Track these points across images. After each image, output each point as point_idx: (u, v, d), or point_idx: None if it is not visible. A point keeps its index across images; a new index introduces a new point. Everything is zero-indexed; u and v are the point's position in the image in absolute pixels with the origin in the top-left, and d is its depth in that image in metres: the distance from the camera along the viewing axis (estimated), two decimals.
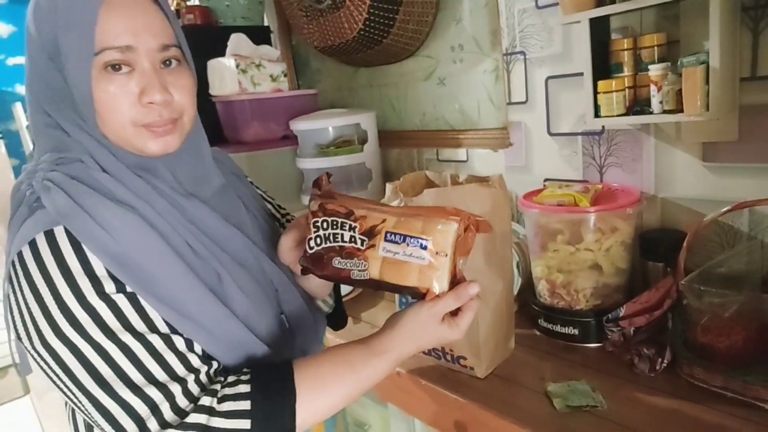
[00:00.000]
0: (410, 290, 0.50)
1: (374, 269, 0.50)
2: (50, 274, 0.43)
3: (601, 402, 0.67)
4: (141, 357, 0.44)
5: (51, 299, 0.43)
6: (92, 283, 0.44)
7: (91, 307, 0.43)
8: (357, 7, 1.09)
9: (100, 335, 0.43)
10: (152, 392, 0.43)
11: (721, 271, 0.73)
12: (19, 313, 0.44)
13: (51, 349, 0.43)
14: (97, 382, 0.42)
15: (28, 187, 0.47)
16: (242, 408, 0.44)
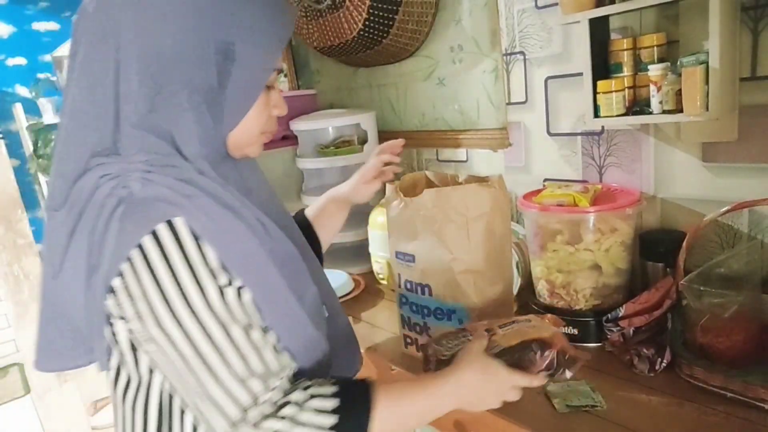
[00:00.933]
0: (536, 341, 0.61)
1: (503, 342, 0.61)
2: (172, 262, 0.45)
3: (601, 402, 0.67)
4: (244, 350, 0.46)
5: (171, 285, 0.45)
6: (210, 274, 0.46)
7: (208, 297, 0.46)
8: (356, 8, 1.09)
9: (213, 324, 0.45)
10: (254, 384, 0.46)
11: (720, 271, 0.73)
12: (131, 295, 0.46)
13: (166, 333, 0.45)
14: (208, 369, 0.45)
15: (120, 183, 0.47)
16: (329, 407, 0.47)
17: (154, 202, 0.46)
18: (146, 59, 0.47)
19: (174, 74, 0.48)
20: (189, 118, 0.49)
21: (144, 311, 0.45)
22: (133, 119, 0.48)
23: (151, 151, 0.48)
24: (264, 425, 0.45)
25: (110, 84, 0.48)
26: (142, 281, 0.45)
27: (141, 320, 0.46)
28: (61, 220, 0.49)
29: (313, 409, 0.47)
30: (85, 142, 0.49)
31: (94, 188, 0.48)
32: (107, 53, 0.48)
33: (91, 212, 0.48)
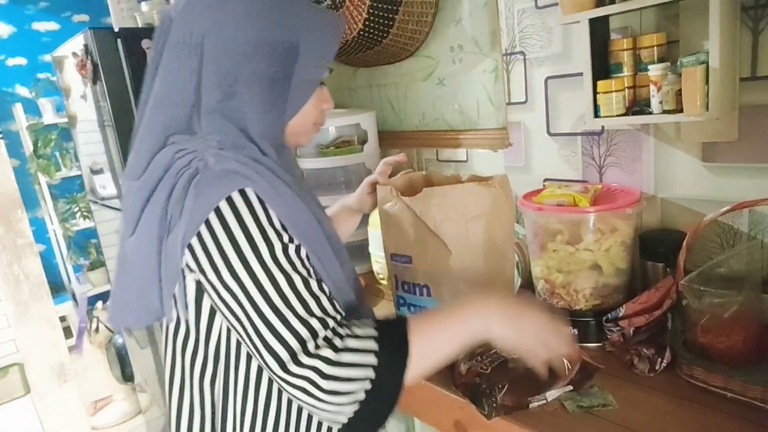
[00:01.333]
0: None
1: None
2: (244, 221, 0.53)
3: (612, 402, 0.67)
4: (305, 295, 0.53)
5: (244, 241, 0.52)
6: (275, 233, 0.54)
7: (275, 249, 0.53)
8: (356, 8, 1.09)
9: (278, 272, 0.53)
10: (314, 323, 0.52)
11: (720, 271, 0.73)
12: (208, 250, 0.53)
13: (239, 280, 0.52)
14: (273, 309, 0.52)
15: (196, 157, 0.55)
16: (370, 347, 0.53)
17: (228, 173, 0.53)
18: (225, 55, 0.56)
19: (248, 68, 0.57)
20: (258, 106, 0.58)
21: (220, 263, 0.52)
22: (211, 105, 0.57)
23: (222, 132, 0.57)
24: (320, 353, 0.51)
25: (194, 74, 0.57)
26: (219, 238, 0.52)
27: (217, 271, 0.53)
28: (138, 188, 0.57)
29: (360, 338, 0.53)
30: (163, 123, 0.58)
31: (171, 161, 0.56)
32: (192, 50, 0.57)
33: (168, 181, 0.55)
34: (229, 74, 0.57)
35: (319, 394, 0.51)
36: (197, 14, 0.57)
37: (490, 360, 0.70)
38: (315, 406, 0.52)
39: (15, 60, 3.01)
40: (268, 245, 0.53)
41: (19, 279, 1.54)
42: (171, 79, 0.57)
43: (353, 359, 0.52)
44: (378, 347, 0.53)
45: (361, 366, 0.52)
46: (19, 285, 1.54)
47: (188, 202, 0.53)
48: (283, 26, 0.58)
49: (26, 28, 3.04)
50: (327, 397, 0.51)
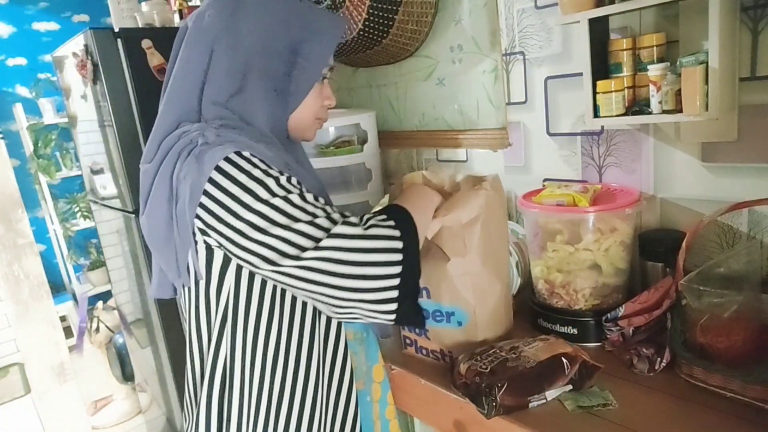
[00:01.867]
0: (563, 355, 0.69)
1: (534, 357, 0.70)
2: (246, 169, 0.58)
3: (612, 401, 0.67)
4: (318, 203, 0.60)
5: (250, 180, 0.57)
6: (277, 171, 0.59)
7: (279, 180, 0.58)
8: (356, 8, 1.10)
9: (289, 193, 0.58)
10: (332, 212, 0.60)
11: (720, 271, 0.73)
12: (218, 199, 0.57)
13: (254, 210, 0.56)
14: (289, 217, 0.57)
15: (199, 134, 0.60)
16: (390, 224, 0.61)
17: (225, 142, 0.59)
18: (234, 53, 0.62)
19: (254, 64, 0.63)
20: (261, 99, 0.63)
21: (233, 205, 0.57)
22: (214, 97, 0.63)
23: (225, 119, 0.63)
24: (344, 227, 0.58)
25: (201, 71, 0.63)
26: (226, 187, 0.57)
27: (231, 213, 0.57)
28: (150, 168, 0.63)
29: (377, 217, 0.61)
30: (173, 113, 0.64)
31: (176, 139, 0.61)
32: (205, 45, 0.63)
33: (172, 156, 0.60)
34: (238, 72, 0.62)
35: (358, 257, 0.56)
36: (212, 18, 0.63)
37: (490, 359, 0.70)
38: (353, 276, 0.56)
39: (15, 60, 3.01)
40: (274, 178, 0.58)
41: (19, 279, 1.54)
42: (183, 75, 0.64)
43: (380, 232, 0.59)
44: (397, 223, 0.60)
45: (388, 238, 0.59)
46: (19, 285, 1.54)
47: (191, 169, 0.58)
48: (290, 27, 0.64)
49: (26, 28, 3.04)
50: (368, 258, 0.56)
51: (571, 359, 0.69)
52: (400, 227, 0.60)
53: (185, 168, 0.59)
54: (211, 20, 0.63)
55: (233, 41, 0.62)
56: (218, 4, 0.64)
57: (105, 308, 2.13)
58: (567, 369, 0.68)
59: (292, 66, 0.65)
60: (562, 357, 0.69)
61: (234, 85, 0.63)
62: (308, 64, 0.65)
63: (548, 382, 0.68)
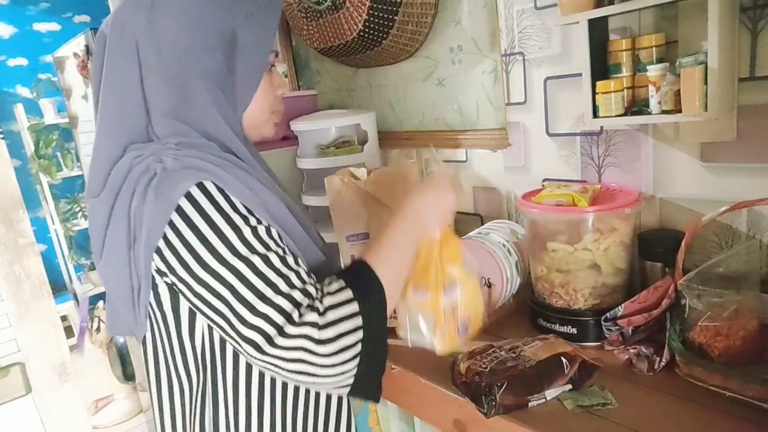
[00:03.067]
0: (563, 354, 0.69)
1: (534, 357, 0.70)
2: (207, 213, 0.52)
3: (612, 400, 0.67)
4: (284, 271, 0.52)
5: (210, 232, 0.51)
6: (241, 217, 0.53)
7: (244, 234, 0.52)
8: (356, 9, 1.10)
9: (252, 255, 0.52)
10: (296, 294, 0.52)
11: (719, 270, 0.73)
12: (176, 250, 0.52)
13: (212, 271, 0.51)
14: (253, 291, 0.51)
15: (154, 159, 0.54)
16: (347, 297, 0.54)
17: (185, 170, 0.53)
18: (162, 56, 0.55)
19: (188, 65, 0.55)
20: (209, 103, 0.56)
21: (189, 259, 0.51)
22: (161, 109, 0.56)
23: (180, 134, 0.56)
24: (306, 320, 0.51)
25: (136, 82, 0.55)
26: (184, 235, 0.51)
27: (188, 268, 0.51)
28: (100, 205, 0.56)
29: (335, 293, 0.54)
30: (117, 136, 0.57)
31: (129, 168, 0.55)
32: (129, 56, 0.55)
33: (128, 189, 0.54)
34: (173, 76, 0.55)
35: (317, 360, 0.50)
36: (128, 22, 0.56)
37: (490, 359, 0.70)
38: (317, 375, 0.50)
39: (16, 60, 3.02)
40: (236, 231, 0.52)
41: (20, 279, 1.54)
42: (115, 90, 0.56)
43: (338, 314, 0.52)
44: (354, 294, 0.53)
45: (348, 317, 0.52)
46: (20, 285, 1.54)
47: (148, 206, 0.52)
48: (218, 16, 0.56)
49: (27, 28, 3.05)
50: (326, 361, 0.50)
51: (570, 359, 0.69)
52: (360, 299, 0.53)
53: (142, 203, 0.53)
54: (128, 24, 0.56)
55: (157, 44, 0.55)
56: (131, 4, 0.56)
57: (105, 308, 2.13)
58: (566, 368, 0.69)
59: (232, 59, 0.57)
60: (561, 356, 0.69)
61: (177, 93, 0.55)
62: (250, 54, 0.58)
63: (548, 382, 0.68)
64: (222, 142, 0.57)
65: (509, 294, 0.94)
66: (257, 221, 0.54)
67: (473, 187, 1.24)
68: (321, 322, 0.50)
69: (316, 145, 1.38)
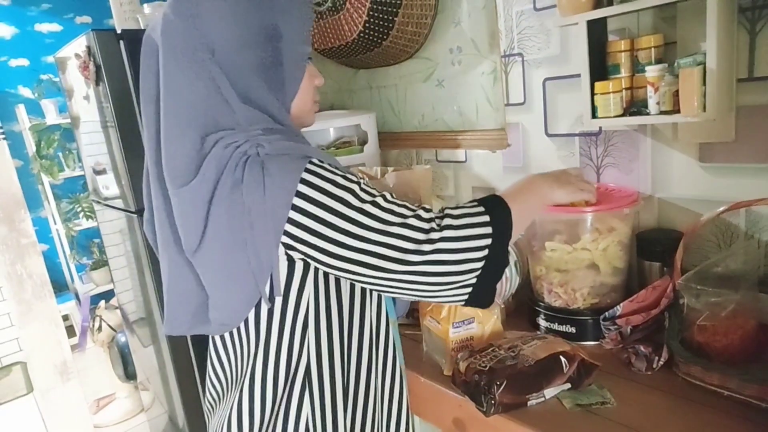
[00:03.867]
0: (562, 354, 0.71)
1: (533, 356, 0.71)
2: (330, 178, 0.57)
3: (611, 399, 0.68)
4: (400, 202, 0.59)
5: (338, 190, 0.57)
6: (348, 180, 0.58)
7: (356, 191, 0.58)
8: (357, 10, 1.10)
9: (376, 196, 0.59)
10: (421, 212, 0.59)
11: (717, 270, 0.74)
12: (317, 215, 0.56)
13: (351, 220, 0.56)
14: (387, 223, 0.57)
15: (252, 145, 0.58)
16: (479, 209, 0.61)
17: (288, 153, 0.57)
18: (218, 57, 0.59)
19: (241, 60, 0.59)
20: (265, 94, 0.60)
21: (328, 217, 0.56)
22: (239, 100, 0.60)
23: (259, 122, 0.60)
24: (444, 223, 0.58)
25: (210, 81, 0.59)
26: (318, 200, 0.56)
27: (327, 225, 0.56)
28: (193, 192, 0.58)
29: (466, 206, 0.61)
30: (196, 127, 0.59)
31: (227, 155, 0.57)
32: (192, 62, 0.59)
33: (228, 176, 0.56)
34: (234, 74, 0.59)
35: (453, 257, 0.56)
36: (177, 28, 0.59)
37: (489, 358, 0.71)
38: (450, 273, 0.57)
39: (18, 61, 3.03)
40: (356, 183, 0.58)
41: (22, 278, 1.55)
42: (186, 94, 0.59)
43: (469, 220, 0.58)
44: (485, 208, 0.60)
45: (477, 225, 0.58)
46: (22, 284, 1.55)
47: (268, 186, 0.55)
48: (260, 11, 0.60)
49: (29, 29, 3.05)
50: (459, 256, 0.56)
51: (569, 358, 0.70)
52: (490, 214, 0.60)
53: (260, 182, 0.55)
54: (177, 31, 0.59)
55: (208, 44, 0.58)
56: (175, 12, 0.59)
57: (107, 307, 2.14)
58: (565, 367, 0.69)
59: (279, 51, 0.61)
60: (560, 355, 0.70)
61: (242, 87, 0.60)
62: (293, 45, 0.62)
63: (547, 381, 0.68)
64: (288, 127, 0.63)
65: (508, 293, 0.94)
66: (356, 179, 0.60)
67: (473, 188, 1.24)
68: (455, 223, 0.58)
69: (317, 146, 1.39)
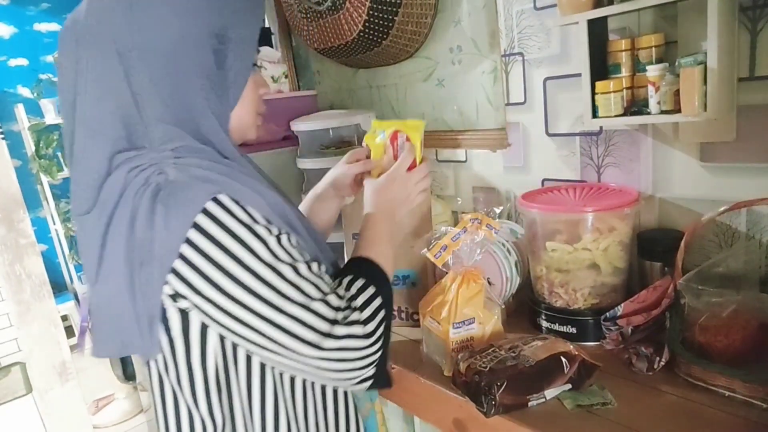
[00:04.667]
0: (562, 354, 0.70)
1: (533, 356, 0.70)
2: (230, 228, 0.50)
3: (612, 399, 0.68)
4: (312, 278, 0.53)
5: (238, 246, 0.49)
6: (264, 228, 0.52)
7: (270, 246, 0.51)
8: (356, 9, 1.10)
9: (282, 265, 0.51)
10: (331, 299, 0.54)
11: (719, 270, 0.73)
12: (200, 270, 0.49)
13: (246, 287, 0.50)
14: (291, 301, 0.51)
15: (155, 170, 0.51)
16: (372, 292, 0.58)
17: (194, 182, 0.50)
18: (149, 56, 0.51)
19: (178, 64, 0.52)
20: (200, 102, 0.53)
21: (219, 278, 0.49)
22: (156, 113, 0.52)
23: (175, 140, 0.52)
24: (351, 318, 0.54)
25: (121, 85, 0.51)
26: (209, 253, 0.49)
27: (218, 287, 0.50)
28: (92, 223, 0.52)
29: (361, 290, 0.57)
30: (104, 147, 0.52)
31: (125, 183, 0.50)
32: (112, 60, 0.51)
33: (125, 205, 0.50)
34: (161, 75, 0.51)
35: (364, 353, 0.54)
36: (103, 19, 0.51)
37: (489, 358, 0.71)
38: (360, 368, 0.54)
39: (17, 61, 3.02)
40: (263, 242, 0.50)
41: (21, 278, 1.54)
42: (99, 100, 0.51)
43: (372, 309, 0.56)
44: (376, 289, 0.58)
45: (378, 309, 0.56)
46: (21, 284, 1.55)
47: (158, 223, 0.48)
48: (207, 12, 0.53)
49: (28, 29, 3.05)
50: (371, 350, 0.54)
51: (570, 358, 0.69)
52: (379, 291, 0.58)
53: (150, 219, 0.48)
54: (103, 22, 0.50)
55: (139, 41, 0.50)
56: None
57: None
58: (566, 368, 0.69)
59: (223, 56, 0.54)
60: (561, 356, 0.69)
61: (167, 93, 0.51)
62: (239, 51, 0.55)
63: (547, 381, 0.68)
64: (215, 145, 0.55)
65: (509, 293, 0.94)
66: (277, 230, 0.53)
67: (473, 187, 1.24)
68: (362, 318, 0.54)
69: (316, 145, 1.38)
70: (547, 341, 0.74)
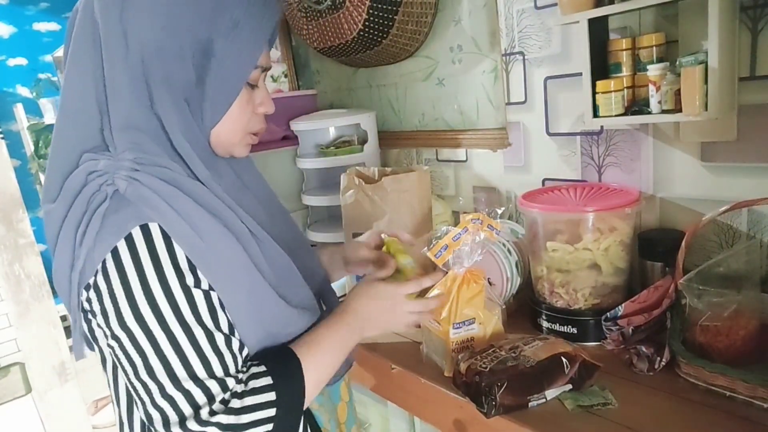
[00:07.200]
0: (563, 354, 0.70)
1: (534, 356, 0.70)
2: (141, 264, 0.46)
3: (612, 400, 0.67)
4: (206, 352, 0.48)
5: (138, 285, 0.46)
6: (177, 275, 0.47)
7: (175, 297, 0.47)
8: (356, 8, 1.10)
9: (176, 325, 0.47)
10: (212, 385, 0.48)
11: (719, 270, 0.73)
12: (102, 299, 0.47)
13: (129, 331, 0.47)
14: (166, 368, 0.47)
15: (106, 180, 0.49)
16: (269, 399, 0.50)
17: (135, 203, 0.48)
18: (130, 56, 0.49)
19: (156, 70, 0.49)
20: (171, 114, 0.50)
21: (109, 308, 0.47)
22: (122, 116, 0.50)
23: (139, 149, 0.49)
24: (214, 420, 0.47)
25: (99, 82, 0.49)
26: (111, 281, 0.47)
27: (106, 317, 0.48)
28: (55, 213, 0.51)
29: (256, 391, 0.49)
30: (75, 138, 0.51)
31: (82, 184, 0.50)
32: (94, 52, 0.49)
33: (78, 207, 0.49)
34: (136, 77, 0.49)
35: None
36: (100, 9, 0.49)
37: (490, 359, 0.70)
38: None
39: (16, 60, 3.02)
40: (167, 290, 0.46)
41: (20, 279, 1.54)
42: (75, 84, 0.50)
43: (252, 417, 0.48)
44: (276, 396, 0.50)
45: (261, 421, 0.49)
46: (20, 284, 1.54)
47: (88, 237, 0.48)
48: (196, 21, 0.50)
49: (27, 28, 3.05)
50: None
51: (570, 359, 0.69)
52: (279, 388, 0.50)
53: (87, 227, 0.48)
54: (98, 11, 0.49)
55: (125, 39, 0.48)
56: None
57: None
58: (567, 368, 0.69)
59: (203, 72, 0.50)
60: (561, 356, 0.69)
61: (138, 97, 0.49)
62: (225, 69, 0.51)
63: (548, 382, 0.68)
64: (181, 157, 0.51)
65: (509, 294, 0.94)
66: (195, 282, 0.48)
67: (473, 187, 1.24)
68: (234, 422, 0.47)
69: (316, 145, 1.38)
70: (548, 341, 0.74)
